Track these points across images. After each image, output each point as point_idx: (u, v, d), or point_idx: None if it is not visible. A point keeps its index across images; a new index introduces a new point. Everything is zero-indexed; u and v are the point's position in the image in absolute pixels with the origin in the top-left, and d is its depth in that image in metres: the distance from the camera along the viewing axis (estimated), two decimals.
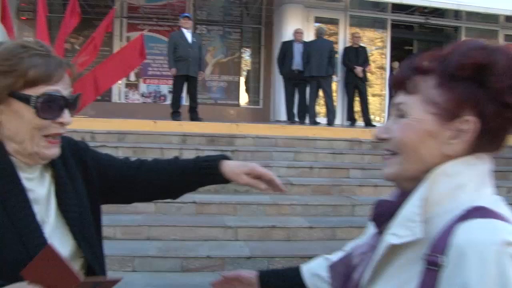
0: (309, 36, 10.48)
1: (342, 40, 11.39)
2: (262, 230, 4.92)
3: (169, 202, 4.96)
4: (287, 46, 9.79)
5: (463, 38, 11.71)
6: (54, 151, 1.21)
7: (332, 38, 11.06)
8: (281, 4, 11.27)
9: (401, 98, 0.97)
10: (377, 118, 11.79)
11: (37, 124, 1.15)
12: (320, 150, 7.31)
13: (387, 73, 11.86)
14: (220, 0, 11.86)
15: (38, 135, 1.16)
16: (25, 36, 12.44)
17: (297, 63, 9.58)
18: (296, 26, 10.44)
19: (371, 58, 11.00)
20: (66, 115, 1.19)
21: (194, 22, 11.55)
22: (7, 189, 1.15)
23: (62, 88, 1.18)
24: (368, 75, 10.51)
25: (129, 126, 7.47)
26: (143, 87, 12.77)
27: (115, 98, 12.35)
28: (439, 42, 12.14)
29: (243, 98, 12.97)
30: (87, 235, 1.27)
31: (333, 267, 1.17)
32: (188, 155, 5.92)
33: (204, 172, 1.39)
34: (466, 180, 0.90)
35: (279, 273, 1.38)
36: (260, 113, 12.51)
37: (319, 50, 9.30)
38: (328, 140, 7.65)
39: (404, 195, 0.95)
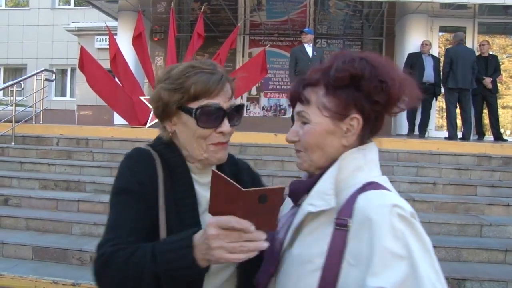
0: (434, 47, 10.09)
1: None
2: None
3: None
4: (415, 58, 9.45)
5: None
6: (221, 154, 1.38)
7: None
8: (404, 15, 10.98)
9: (300, 107, 1.24)
10: (508, 132, 10.96)
11: (199, 133, 1.34)
12: (445, 165, 7.00)
13: None
14: (340, 13, 11.85)
15: (204, 143, 1.35)
16: (156, 55, 13.47)
17: (428, 75, 9.24)
18: (419, 36, 10.13)
19: (501, 67, 10.26)
20: (225, 125, 1.35)
21: (315, 36, 11.68)
22: (180, 187, 1.35)
23: (223, 100, 1.34)
24: (498, 85, 9.81)
25: (250, 139, 7.74)
26: (264, 101, 13.17)
27: None
28: None
29: None
30: None
31: None
32: None
33: None
34: (361, 163, 1.19)
35: None
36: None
37: (463, 59, 8.79)
38: (453, 155, 7.31)
39: (312, 176, 1.24)
